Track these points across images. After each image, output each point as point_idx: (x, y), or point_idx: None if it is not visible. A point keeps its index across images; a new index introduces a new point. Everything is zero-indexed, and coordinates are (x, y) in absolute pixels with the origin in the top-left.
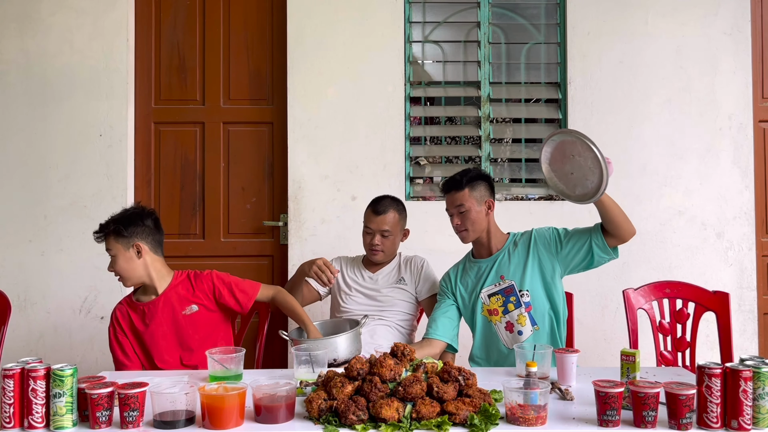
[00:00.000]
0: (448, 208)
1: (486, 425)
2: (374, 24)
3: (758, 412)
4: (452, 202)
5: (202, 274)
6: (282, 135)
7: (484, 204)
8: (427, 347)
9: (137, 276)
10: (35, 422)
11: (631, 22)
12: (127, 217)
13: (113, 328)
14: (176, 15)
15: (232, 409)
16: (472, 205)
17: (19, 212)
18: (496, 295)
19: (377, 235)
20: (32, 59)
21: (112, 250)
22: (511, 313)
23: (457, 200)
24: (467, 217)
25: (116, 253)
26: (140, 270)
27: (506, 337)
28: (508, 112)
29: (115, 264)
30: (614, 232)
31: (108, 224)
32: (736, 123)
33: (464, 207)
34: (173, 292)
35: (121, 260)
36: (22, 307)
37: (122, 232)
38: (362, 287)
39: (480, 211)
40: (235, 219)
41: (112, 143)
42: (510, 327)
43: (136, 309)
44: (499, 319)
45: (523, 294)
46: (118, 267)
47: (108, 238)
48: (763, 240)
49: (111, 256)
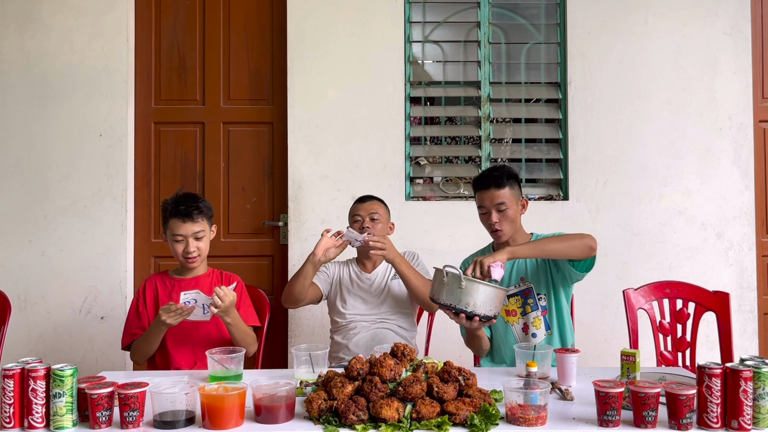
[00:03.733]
0: (482, 204)
1: (486, 425)
2: (374, 24)
3: (758, 412)
4: (491, 199)
5: (231, 275)
6: (282, 135)
7: (519, 203)
8: (480, 339)
9: (205, 255)
10: (35, 422)
11: (631, 22)
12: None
13: (137, 299)
14: (176, 15)
15: (232, 409)
16: (512, 203)
17: (19, 212)
18: (516, 296)
19: (366, 219)
20: (32, 59)
21: (203, 231)
22: (528, 315)
23: (498, 198)
24: (507, 216)
25: (205, 233)
26: (207, 251)
27: (520, 339)
28: (508, 112)
29: (201, 242)
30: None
31: (203, 209)
32: (736, 123)
33: (505, 206)
34: (207, 279)
35: (205, 239)
36: (22, 307)
37: (212, 213)
38: (360, 288)
39: (517, 210)
40: (235, 219)
41: (112, 143)
42: (525, 329)
43: (166, 282)
44: (517, 320)
45: (541, 297)
46: (204, 245)
47: (203, 219)
48: (763, 240)
49: (198, 237)
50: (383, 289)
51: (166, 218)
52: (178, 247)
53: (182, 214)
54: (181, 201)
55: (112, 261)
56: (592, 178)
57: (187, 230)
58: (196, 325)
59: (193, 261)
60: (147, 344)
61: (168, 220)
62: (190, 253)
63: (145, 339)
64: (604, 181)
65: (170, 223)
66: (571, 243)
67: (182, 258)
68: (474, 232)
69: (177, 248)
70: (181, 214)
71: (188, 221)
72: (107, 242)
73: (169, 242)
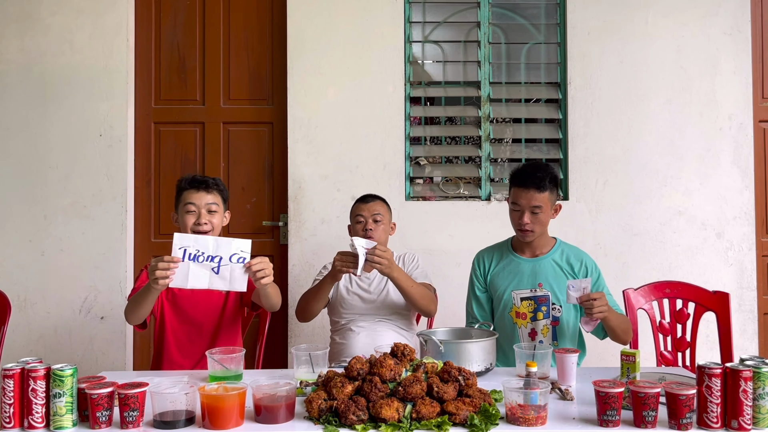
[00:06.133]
0: (516, 201)
1: (486, 425)
2: (374, 24)
3: (758, 412)
4: (528, 199)
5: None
6: (282, 135)
7: (553, 208)
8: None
9: (218, 234)
10: (35, 422)
11: (631, 22)
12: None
13: (145, 269)
14: (176, 15)
15: (232, 409)
16: (547, 208)
17: (19, 212)
18: (529, 300)
19: (369, 220)
20: (32, 59)
21: (217, 205)
22: (537, 322)
23: (536, 200)
24: (539, 218)
25: (219, 210)
26: (219, 231)
27: (526, 343)
28: (508, 112)
29: (214, 217)
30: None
31: (220, 184)
32: (736, 123)
33: (541, 210)
34: None
35: (218, 216)
36: (22, 307)
37: (227, 195)
38: (360, 288)
39: (550, 214)
40: (235, 219)
41: (112, 143)
42: (533, 334)
43: None
44: (525, 324)
45: (556, 308)
46: (216, 221)
47: (218, 194)
48: (763, 240)
49: (211, 210)
50: (383, 290)
51: (180, 193)
52: (189, 218)
53: (198, 182)
54: (198, 175)
55: (112, 261)
56: (592, 178)
57: (201, 199)
58: (198, 325)
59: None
60: (137, 305)
61: (182, 193)
62: (202, 225)
63: (134, 301)
64: (604, 181)
65: (184, 195)
66: (624, 328)
67: (192, 231)
68: (474, 232)
69: (188, 220)
70: (196, 183)
71: (202, 190)
72: (107, 242)
73: (180, 219)
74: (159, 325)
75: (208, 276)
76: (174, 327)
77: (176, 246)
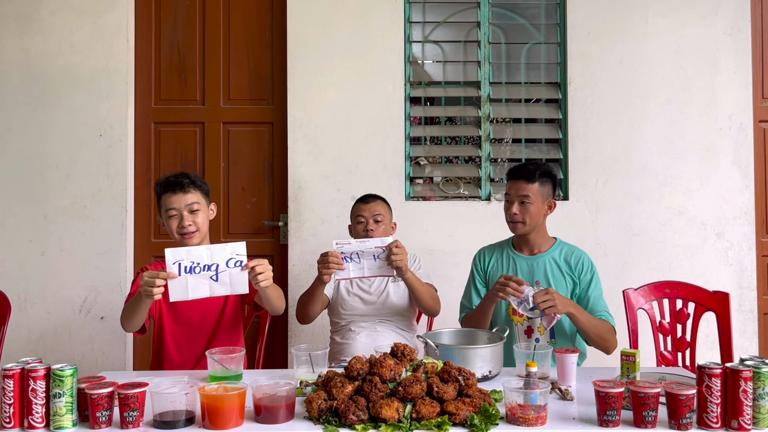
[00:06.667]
0: (509, 193)
1: (486, 425)
2: (374, 24)
3: (758, 412)
4: (517, 190)
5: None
6: (282, 135)
7: (546, 203)
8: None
9: (205, 231)
10: (35, 422)
11: (631, 22)
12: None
13: (142, 270)
14: (176, 15)
15: (232, 409)
16: (536, 200)
17: (19, 212)
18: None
19: (370, 221)
20: (32, 59)
21: (198, 203)
22: (534, 320)
23: (524, 190)
24: (528, 210)
25: (201, 207)
26: (207, 228)
27: (522, 341)
28: (508, 112)
29: (197, 216)
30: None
31: (197, 180)
32: (736, 123)
33: (529, 200)
34: None
35: (202, 214)
36: (22, 307)
37: (207, 189)
38: (359, 289)
39: (541, 208)
40: (235, 219)
41: (112, 143)
42: (529, 332)
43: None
44: (522, 321)
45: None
46: (200, 220)
47: (196, 191)
48: (763, 240)
49: (193, 210)
50: (383, 290)
51: (159, 198)
52: (172, 223)
53: (173, 185)
54: (171, 176)
55: (112, 261)
56: (592, 178)
57: (180, 202)
58: (197, 326)
59: (189, 237)
60: (130, 314)
61: (160, 198)
62: (185, 228)
63: (128, 310)
64: (604, 181)
65: (162, 200)
66: (598, 333)
67: (178, 235)
68: (474, 232)
69: (172, 225)
70: (171, 186)
71: (179, 192)
72: (107, 242)
73: (165, 224)
74: (158, 326)
75: (208, 285)
76: (172, 328)
77: (170, 262)
